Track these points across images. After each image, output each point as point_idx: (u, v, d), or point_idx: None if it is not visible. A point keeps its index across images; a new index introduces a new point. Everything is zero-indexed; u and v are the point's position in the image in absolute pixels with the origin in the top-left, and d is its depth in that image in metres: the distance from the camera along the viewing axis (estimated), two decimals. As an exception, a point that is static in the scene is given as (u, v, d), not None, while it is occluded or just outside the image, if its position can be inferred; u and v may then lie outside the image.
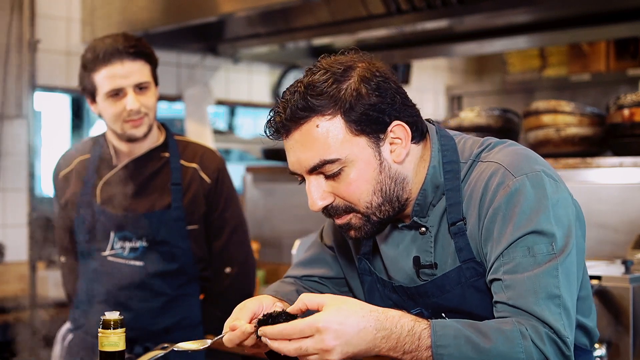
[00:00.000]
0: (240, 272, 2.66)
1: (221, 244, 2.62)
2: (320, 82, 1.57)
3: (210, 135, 5.17)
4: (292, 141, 1.59)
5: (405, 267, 1.70)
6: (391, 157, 1.61)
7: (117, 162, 2.55)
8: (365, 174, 1.59)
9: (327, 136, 1.56)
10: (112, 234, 2.51)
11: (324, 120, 1.56)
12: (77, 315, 2.60)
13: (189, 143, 2.64)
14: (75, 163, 2.61)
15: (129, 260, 2.50)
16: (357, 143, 1.57)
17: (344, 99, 1.56)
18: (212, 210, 2.58)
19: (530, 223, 1.51)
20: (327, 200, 1.62)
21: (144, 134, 2.48)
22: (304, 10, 4.16)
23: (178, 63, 5.21)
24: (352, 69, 1.59)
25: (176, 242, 2.51)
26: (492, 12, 3.82)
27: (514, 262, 1.51)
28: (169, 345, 2.17)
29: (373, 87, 1.57)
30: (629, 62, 5.42)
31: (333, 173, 1.58)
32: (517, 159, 1.59)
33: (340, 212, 1.63)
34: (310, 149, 1.57)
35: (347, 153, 1.57)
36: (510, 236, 1.52)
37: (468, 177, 1.63)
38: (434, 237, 1.66)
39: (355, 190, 1.59)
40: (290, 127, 1.58)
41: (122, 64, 2.39)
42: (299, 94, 1.57)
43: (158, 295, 2.53)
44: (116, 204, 2.52)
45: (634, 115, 2.86)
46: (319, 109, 1.56)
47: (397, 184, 1.62)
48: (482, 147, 1.66)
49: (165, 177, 2.54)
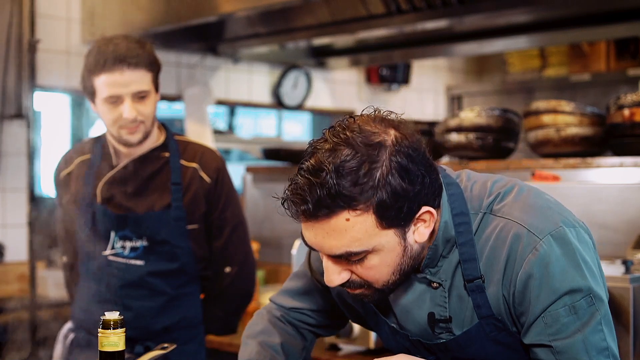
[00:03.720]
0: (240, 272, 2.66)
1: (221, 243, 2.62)
2: (350, 168, 1.43)
3: (210, 135, 5.17)
4: (313, 226, 1.48)
5: (418, 319, 1.66)
6: (414, 237, 1.54)
7: (118, 162, 2.55)
8: (388, 260, 1.52)
9: (356, 230, 1.46)
10: (112, 233, 2.51)
11: (354, 215, 1.45)
12: (78, 314, 2.60)
13: (189, 143, 2.64)
14: (76, 163, 2.61)
15: (130, 259, 2.50)
16: (384, 235, 1.49)
17: (376, 194, 1.44)
18: (212, 209, 2.58)
19: (566, 283, 1.50)
20: (344, 278, 1.55)
21: (139, 141, 2.48)
22: (304, 10, 4.16)
23: (178, 63, 5.21)
24: (383, 147, 1.46)
25: (177, 241, 2.52)
26: (492, 12, 3.82)
27: (558, 324, 1.50)
28: (168, 345, 2.17)
29: (403, 172, 1.46)
30: (629, 62, 5.42)
31: (355, 260, 1.51)
32: (535, 215, 1.55)
33: (355, 287, 1.57)
34: (336, 239, 1.47)
35: (374, 245, 1.49)
36: (548, 299, 1.51)
37: (482, 232, 1.59)
38: (447, 291, 1.62)
39: (375, 275, 1.54)
40: (318, 216, 1.46)
41: (122, 73, 2.38)
42: (329, 179, 1.43)
43: (159, 295, 2.53)
44: (117, 203, 2.52)
45: (634, 115, 2.86)
46: (351, 203, 1.44)
47: (415, 260, 1.57)
48: (491, 196, 1.60)
49: (165, 177, 2.54)
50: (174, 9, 4.28)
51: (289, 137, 6.78)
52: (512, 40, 4.64)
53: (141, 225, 2.50)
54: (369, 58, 5.53)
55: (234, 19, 4.33)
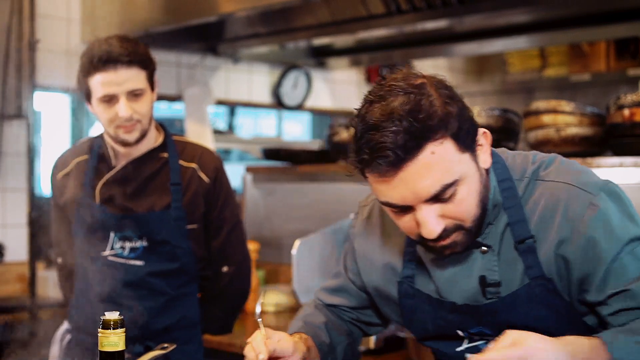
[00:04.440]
0: (238, 271, 2.67)
1: (219, 243, 2.63)
2: (415, 106, 1.50)
3: (210, 135, 5.17)
4: (404, 174, 1.51)
5: (466, 287, 1.69)
6: (483, 164, 1.61)
7: (116, 163, 2.56)
8: (472, 187, 1.57)
9: (443, 160, 1.51)
10: (112, 234, 2.51)
11: (437, 145, 1.50)
12: (76, 315, 2.60)
13: (187, 143, 2.65)
14: (74, 164, 2.61)
15: (129, 260, 2.51)
16: (465, 160, 1.55)
17: (447, 119, 1.52)
18: (211, 209, 2.59)
19: (625, 234, 1.57)
20: (442, 225, 1.57)
21: (136, 140, 2.48)
22: (304, 10, 4.16)
23: (178, 63, 5.21)
24: (425, 85, 1.55)
25: (177, 241, 2.52)
26: (492, 12, 3.82)
27: (626, 271, 1.56)
28: (168, 345, 2.18)
29: (451, 98, 1.55)
30: (629, 62, 5.42)
31: (448, 196, 1.54)
32: (583, 175, 1.63)
33: (449, 234, 1.59)
34: (429, 177, 1.51)
35: (461, 172, 1.54)
36: (612, 251, 1.56)
37: (528, 197, 1.64)
38: (497, 255, 1.66)
39: (467, 207, 1.57)
40: (404, 160, 1.49)
41: (116, 71, 2.39)
42: (404, 122, 1.48)
43: (158, 295, 2.53)
44: (116, 204, 2.53)
45: (634, 115, 2.86)
46: (430, 135, 1.50)
47: (487, 189, 1.63)
48: (535, 164, 1.67)
49: (164, 177, 2.55)
50: (174, 9, 4.29)
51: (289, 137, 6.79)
52: (512, 40, 4.64)
53: (141, 225, 2.50)
54: (369, 58, 5.54)
55: (234, 19, 4.33)
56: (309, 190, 3.85)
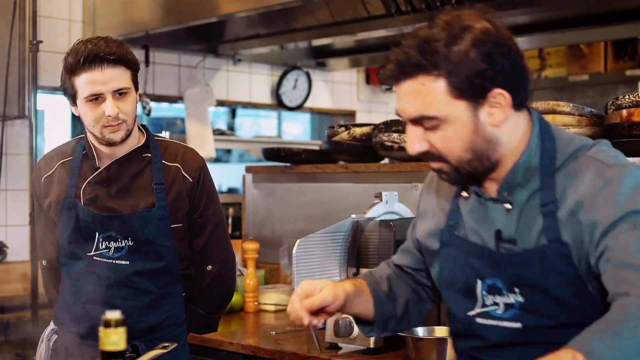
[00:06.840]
0: (221, 270, 2.69)
1: (203, 242, 2.65)
2: (434, 40, 1.65)
3: (210, 136, 5.18)
4: (400, 90, 1.72)
5: (484, 239, 1.80)
6: (489, 119, 1.70)
7: (100, 164, 2.58)
8: (459, 133, 1.69)
9: (429, 95, 1.67)
10: (97, 234, 2.54)
11: (428, 80, 1.67)
12: (61, 315, 2.62)
13: (170, 143, 2.68)
14: (57, 166, 2.63)
15: (115, 259, 2.53)
16: (455, 105, 1.67)
17: (450, 63, 1.65)
18: (195, 208, 2.62)
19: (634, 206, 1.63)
20: (422, 147, 1.73)
21: (121, 139, 2.51)
22: (304, 11, 4.17)
23: (179, 64, 5.23)
24: (468, 31, 1.66)
25: (161, 241, 2.54)
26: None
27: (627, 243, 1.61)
28: (169, 344, 2.19)
29: (483, 52, 1.65)
30: (628, 62, 5.44)
31: (430, 126, 1.70)
32: (620, 158, 1.75)
33: (433, 159, 1.75)
34: (413, 102, 1.70)
35: (445, 113, 1.68)
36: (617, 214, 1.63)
37: (564, 168, 1.73)
38: (518, 215, 1.74)
39: (448, 145, 1.71)
40: (400, 78, 1.70)
41: (102, 70, 2.42)
42: (411, 47, 1.67)
43: (144, 294, 2.55)
44: (100, 204, 2.54)
45: (632, 115, 2.88)
46: (426, 68, 1.66)
47: (490, 144, 1.72)
48: (581, 142, 1.76)
49: (148, 177, 2.57)
50: (175, 10, 4.30)
51: (289, 137, 6.81)
52: (511, 41, 4.65)
53: (126, 225, 2.52)
54: (368, 59, 5.55)
55: (234, 20, 4.34)
56: (309, 190, 3.86)
